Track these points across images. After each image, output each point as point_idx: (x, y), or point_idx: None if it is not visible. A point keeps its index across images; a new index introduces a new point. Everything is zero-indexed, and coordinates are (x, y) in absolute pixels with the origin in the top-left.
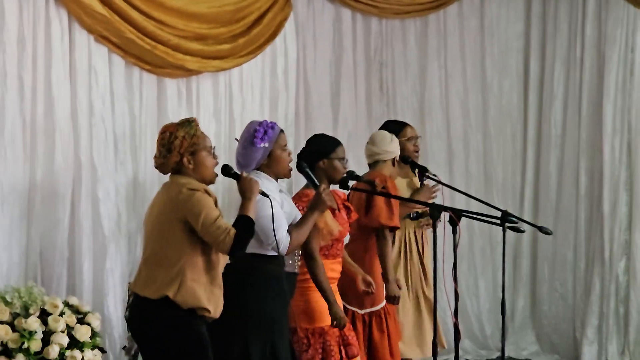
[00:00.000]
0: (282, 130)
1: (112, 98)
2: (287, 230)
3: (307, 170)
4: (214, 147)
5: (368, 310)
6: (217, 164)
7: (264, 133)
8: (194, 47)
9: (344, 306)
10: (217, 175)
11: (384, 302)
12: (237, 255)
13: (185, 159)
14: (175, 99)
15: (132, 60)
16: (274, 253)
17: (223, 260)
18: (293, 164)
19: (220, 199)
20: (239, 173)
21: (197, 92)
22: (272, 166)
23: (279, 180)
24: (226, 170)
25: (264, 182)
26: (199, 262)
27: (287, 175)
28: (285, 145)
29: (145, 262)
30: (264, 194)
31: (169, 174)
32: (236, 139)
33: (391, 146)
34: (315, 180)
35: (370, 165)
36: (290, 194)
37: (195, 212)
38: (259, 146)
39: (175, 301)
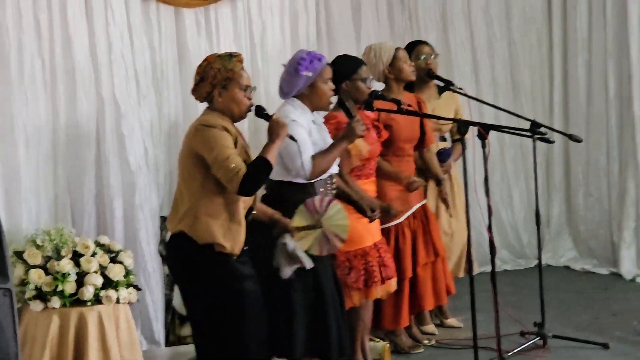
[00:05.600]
0: (329, 64)
1: (130, 33)
2: (312, 157)
3: (346, 105)
4: (253, 87)
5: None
6: (250, 104)
7: (309, 62)
8: None
9: None
10: (248, 112)
11: (399, 220)
12: (246, 195)
13: (216, 91)
14: (194, 28)
15: None
16: (303, 181)
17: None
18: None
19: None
20: (270, 115)
21: (216, 20)
22: (312, 97)
23: (317, 112)
24: (259, 111)
25: (298, 111)
26: (216, 197)
27: (326, 108)
28: (329, 79)
29: (174, 198)
30: (292, 138)
31: (202, 103)
32: (283, 65)
33: (372, 59)
34: (352, 113)
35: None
36: None
37: (208, 149)
38: (301, 74)
39: (191, 236)
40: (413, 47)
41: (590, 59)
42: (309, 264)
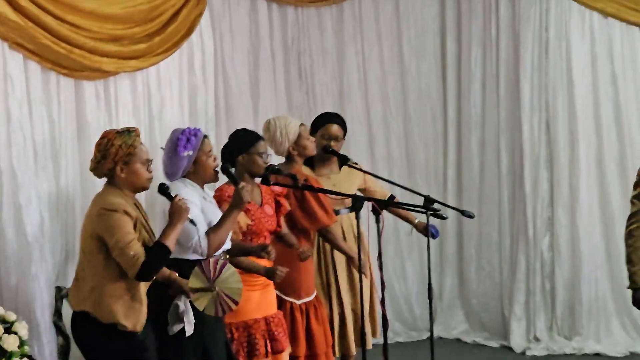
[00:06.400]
0: (205, 136)
1: (29, 104)
2: (206, 232)
3: (230, 170)
4: (151, 160)
5: (305, 300)
6: (151, 178)
7: (186, 141)
8: (110, 49)
9: (280, 298)
10: (150, 181)
11: (316, 292)
12: (144, 281)
13: (118, 167)
14: (94, 101)
15: (49, 65)
16: (197, 257)
17: None
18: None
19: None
20: (173, 196)
21: (115, 93)
22: (198, 172)
23: (207, 184)
24: (162, 189)
25: (188, 189)
26: (118, 279)
27: (214, 179)
28: (210, 150)
29: (76, 273)
30: (192, 222)
31: (103, 179)
32: (162, 148)
33: (277, 137)
34: (237, 179)
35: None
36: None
37: (109, 234)
38: (182, 155)
39: (94, 316)
40: (322, 123)
41: (484, 136)
42: (189, 330)
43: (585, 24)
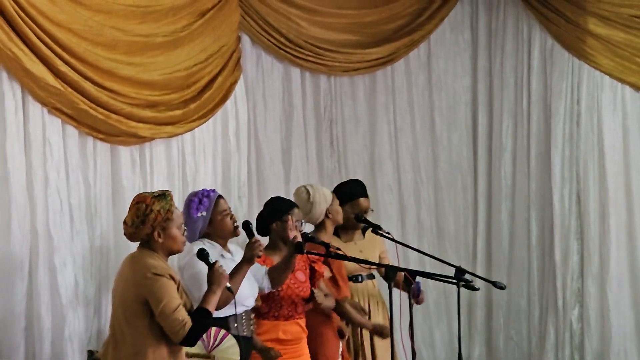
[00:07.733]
0: (220, 196)
1: (66, 168)
2: None
3: (250, 226)
4: (184, 223)
5: None
6: (185, 241)
7: (199, 202)
8: (147, 115)
9: None
10: (184, 244)
11: None
12: (189, 346)
13: (156, 233)
14: (129, 165)
15: (86, 130)
16: (216, 315)
17: None
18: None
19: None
20: (213, 262)
21: (151, 158)
22: (216, 232)
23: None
24: (202, 255)
25: (206, 246)
26: (162, 344)
27: (234, 235)
28: (225, 210)
29: (112, 336)
30: (230, 290)
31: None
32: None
33: (308, 204)
34: (253, 233)
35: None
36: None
37: (156, 299)
38: (196, 216)
39: None
40: (353, 195)
41: (514, 206)
42: None
43: (617, 98)
